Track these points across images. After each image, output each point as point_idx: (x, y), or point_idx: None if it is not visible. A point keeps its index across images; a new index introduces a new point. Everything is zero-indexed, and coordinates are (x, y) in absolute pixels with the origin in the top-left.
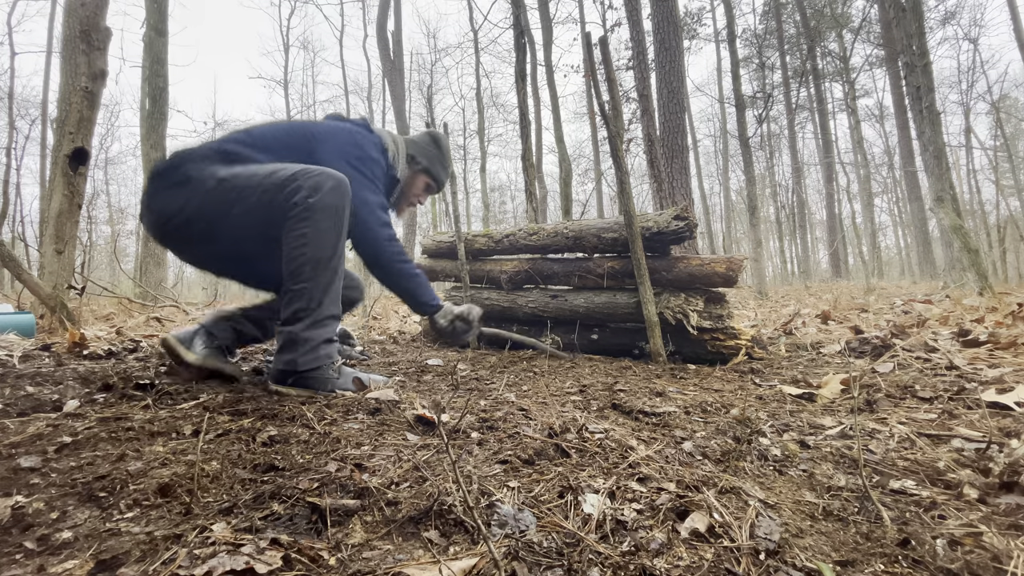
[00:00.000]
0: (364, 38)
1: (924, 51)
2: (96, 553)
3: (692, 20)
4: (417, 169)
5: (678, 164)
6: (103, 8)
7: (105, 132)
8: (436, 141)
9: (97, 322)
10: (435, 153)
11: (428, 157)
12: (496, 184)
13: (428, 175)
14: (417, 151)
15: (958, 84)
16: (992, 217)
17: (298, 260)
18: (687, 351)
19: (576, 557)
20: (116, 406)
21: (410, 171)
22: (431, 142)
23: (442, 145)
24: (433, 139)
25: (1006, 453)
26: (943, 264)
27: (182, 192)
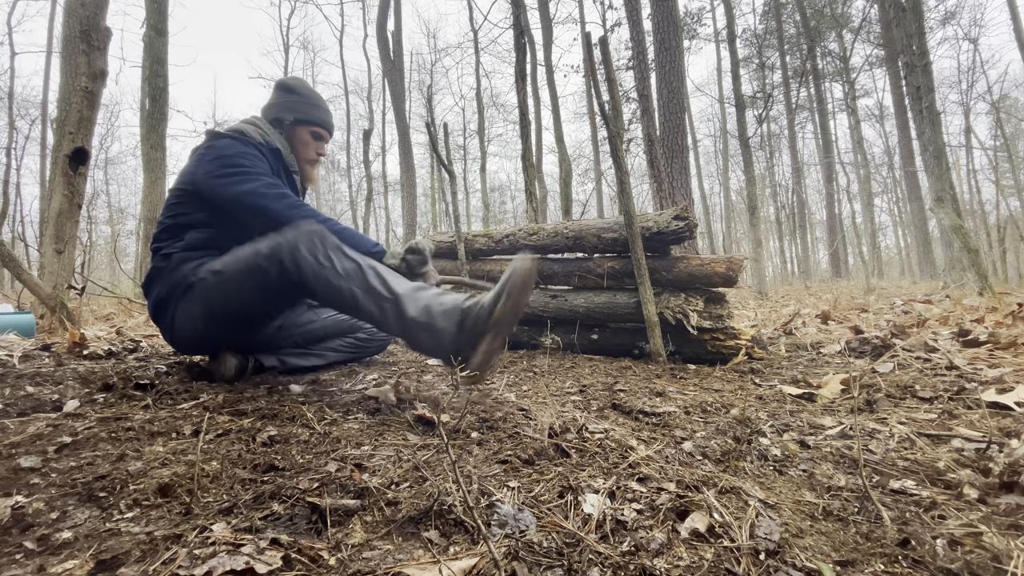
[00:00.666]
0: (364, 38)
1: (924, 51)
2: (96, 553)
3: (692, 20)
4: (290, 124)
5: (678, 164)
6: (103, 8)
7: (105, 132)
8: (288, 88)
9: (97, 322)
10: (295, 100)
11: (290, 108)
12: (496, 184)
13: (305, 123)
14: (278, 111)
15: (958, 84)
16: (992, 217)
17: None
18: (687, 351)
19: (576, 557)
20: (116, 406)
21: (289, 131)
22: (285, 92)
23: (296, 88)
24: (285, 88)
25: (1006, 453)
26: (943, 264)
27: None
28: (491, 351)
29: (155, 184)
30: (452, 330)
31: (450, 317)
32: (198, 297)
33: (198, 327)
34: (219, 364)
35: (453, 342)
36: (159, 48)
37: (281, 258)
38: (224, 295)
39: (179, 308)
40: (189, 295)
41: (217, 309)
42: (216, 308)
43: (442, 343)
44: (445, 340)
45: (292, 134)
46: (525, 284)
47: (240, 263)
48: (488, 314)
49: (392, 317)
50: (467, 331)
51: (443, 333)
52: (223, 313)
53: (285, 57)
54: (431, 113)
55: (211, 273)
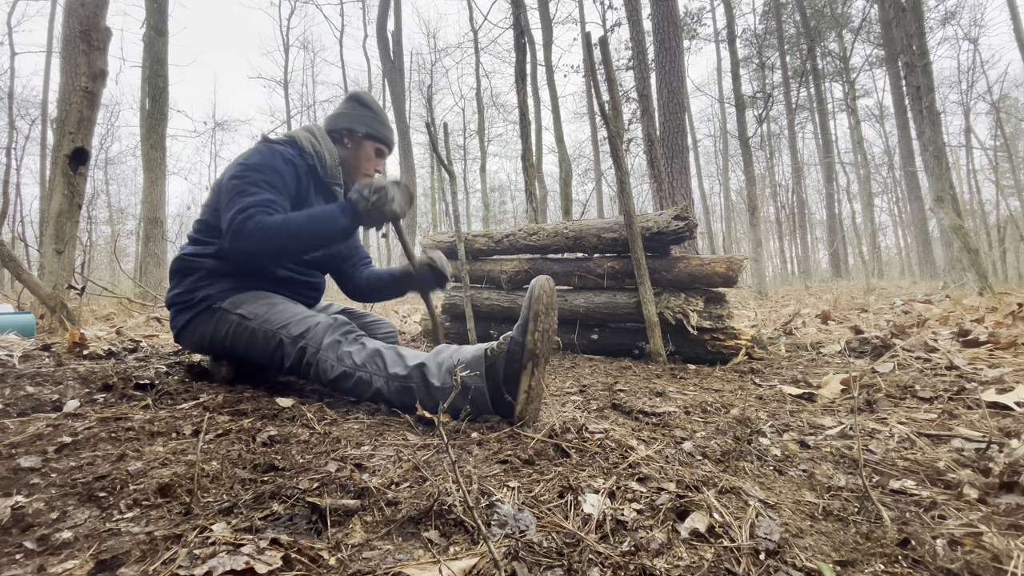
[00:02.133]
0: (364, 38)
1: (924, 51)
2: (96, 553)
3: (692, 20)
4: (359, 138)
5: (678, 164)
6: (103, 8)
7: (105, 132)
8: (361, 102)
9: (97, 322)
10: (366, 114)
11: (363, 121)
12: (496, 184)
13: (370, 139)
14: (349, 122)
15: (958, 84)
16: (992, 217)
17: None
18: (687, 351)
19: (576, 557)
20: (116, 406)
21: (352, 143)
22: (357, 105)
23: (368, 103)
24: (358, 101)
25: (1006, 453)
26: (943, 264)
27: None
28: (535, 386)
29: (155, 184)
30: (481, 385)
31: (474, 368)
32: (216, 324)
33: (205, 343)
34: (219, 366)
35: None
36: (159, 48)
37: (304, 348)
38: (240, 340)
39: (194, 320)
40: (208, 315)
41: (229, 344)
42: (228, 343)
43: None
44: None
45: (359, 147)
46: (549, 306)
47: (268, 327)
48: (520, 347)
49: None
50: (501, 377)
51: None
52: (234, 350)
53: (285, 57)
54: (431, 113)
55: (238, 316)
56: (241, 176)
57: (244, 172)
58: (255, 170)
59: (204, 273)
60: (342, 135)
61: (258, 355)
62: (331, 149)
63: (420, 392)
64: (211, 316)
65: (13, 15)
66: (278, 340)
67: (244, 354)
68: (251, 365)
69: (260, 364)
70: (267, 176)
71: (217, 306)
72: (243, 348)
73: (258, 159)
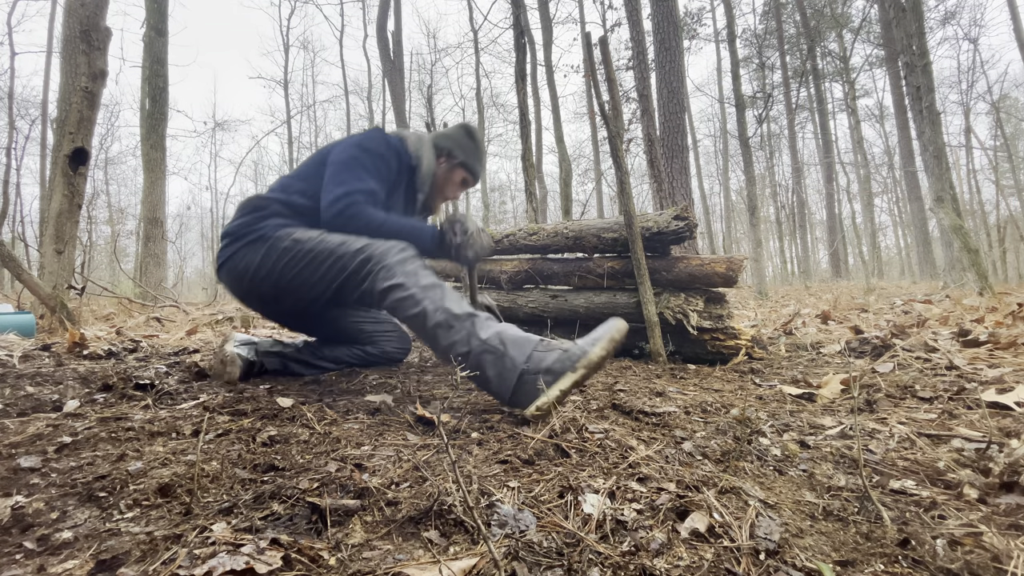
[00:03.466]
0: (364, 38)
1: (924, 51)
2: (96, 553)
3: (692, 20)
4: (455, 163)
5: (678, 164)
6: (103, 8)
7: (105, 132)
8: (470, 134)
9: (97, 322)
10: (470, 146)
11: (464, 150)
12: (496, 184)
13: (465, 169)
14: (452, 145)
15: (958, 84)
16: (992, 217)
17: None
18: (687, 351)
19: (576, 557)
20: (116, 406)
21: (446, 164)
22: (465, 135)
23: (476, 138)
24: (467, 132)
25: (1006, 453)
26: (943, 264)
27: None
28: (569, 391)
29: (155, 184)
30: (519, 360)
31: (524, 348)
32: (265, 251)
33: (247, 275)
34: (224, 365)
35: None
36: (159, 48)
37: (368, 258)
38: (290, 263)
39: (243, 250)
40: (258, 244)
41: (277, 271)
42: (274, 270)
43: (503, 372)
44: (506, 369)
45: (452, 170)
46: (618, 342)
47: (325, 244)
48: (583, 354)
49: (461, 334)
50: (546, 364)
51: (509, 361)
52: (279, 280)
53: (285, 57)
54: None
55: (291, 240)
56: (355, 157)
57: (359, 154)
58: (369, 154)
59: (271, 213)
60: (442, 153)
61: (307, 277)
62: (430, 161)
63: (462, 335)
64: (261, 245)
65: (13, 15)
66: (337, 255)
67: (289, 282)
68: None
69: (301, 295)
70: (377, 164)
71: (270, 235)
72: (291, 274)
73: (373, 145)
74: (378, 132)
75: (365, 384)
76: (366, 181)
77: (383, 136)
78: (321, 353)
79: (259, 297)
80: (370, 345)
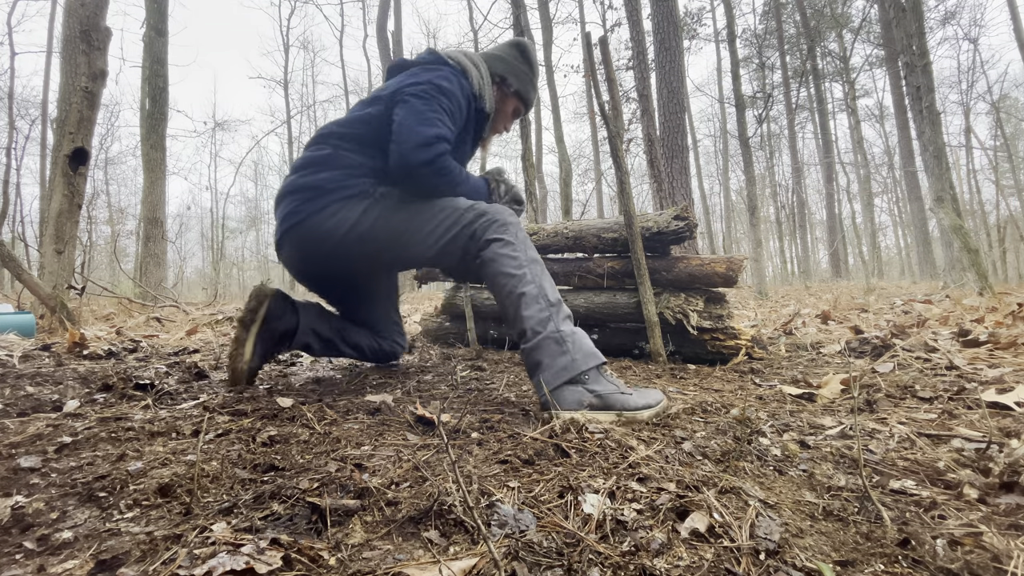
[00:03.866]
0: (364, 38)
1: (924, 51)
2: (96, 553)
3: (692, 20)
4: (508, 92)
5: (678, 164)
6: (103, 8)
7: (105, 132)
8: (524, 55)
9: (97, 322)
10: (525, 71)
11: (519, 77)
12: None
13: (519, 98)
14: (506, 70)
15: (958, 84)
16: (992, 217)
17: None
18: (687, 351)
19: (576, 557)
20: (116, 406)
21: (499, 94)
22: (519, 56)
23: (532, 59)
24: (521, 53)
25: (1006, 453)
26: (943, 264)
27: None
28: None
29: (155, 184)
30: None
31: (588, 360)
32: (366, 209)
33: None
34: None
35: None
36: (159, 48)
37: (483, 214)
38: (397, 220)
39: (336, 204)
40: (359, 200)
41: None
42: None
43: (554, 364)
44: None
45: (505, 100)
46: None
47: (439, 205)
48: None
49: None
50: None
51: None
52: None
53: (285, 57)
54: None
55: (397, 199)
56: (433, 96)
57: (436, 93)
58: (446, 95)
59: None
60: (495, 80)
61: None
62: (491, 96)
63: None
64: (358, 201)
65: (13, 15)
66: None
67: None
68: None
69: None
70: (453, 106)
71: (368, 190)
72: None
73: (448, 85)
74: (451, 72)
75: (365, 384)
76: (447, 128)
77: (456, 77)
78: (347, 336)
79: (326, 264)
80: (383, 339)
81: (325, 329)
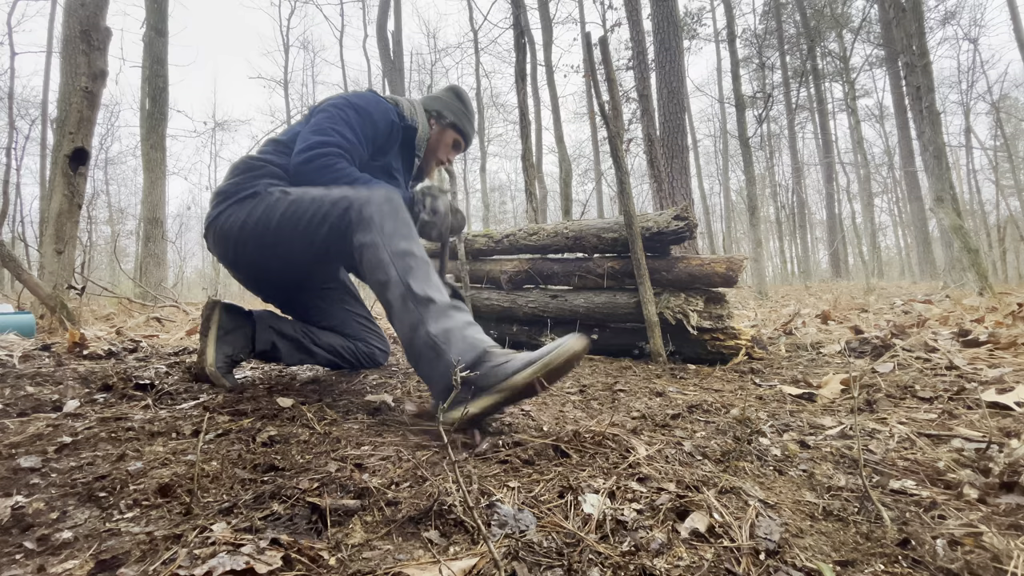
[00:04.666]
0: (364, 38)
1: (924, 51)
2: (96, 553)
3: (692, 20)
4: (444, 124)
5: (678, 164)
6: (103, 8)
7: (105, 132)
8: (459, 96)
9: (97, 322)
10: (459, 108)
11: (454, 112)
12: (496, 184)
13: (455, 130)
14: (441, 107)
15: (958, 84)
16: (992, 217)
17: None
18: (687, 351)
19: (576, 557)
20: (116, 406)
21: (437, 127)
22: (454, 97)
23: (464, 99)
24: (455, 94)
25: (1006, 453)
26: (943, 264)
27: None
28: (485, 413)
29: (155, 184)
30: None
31: (465, 354)
32: (253, 206)
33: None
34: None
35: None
36: (159, 48)
37: (348, 207)
38: (275, 214)
39: (231, 207)
40: (247, 201)
41: (259, 228)
42: (258, 226)
43: (433, 375)
44: (438, 373)
45: (443, 132)
46: (567, 364)
47: (307, 197)
48: (507, 376)
49: (410, 319)
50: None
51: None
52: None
53: (285, 57)
54: None
55: (281, 192)
56: (340, 108)
57: (344, 107)
58: (354, 109)
59: (266, 174)
60: (431, 115)
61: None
62: (424, 124)
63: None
64: (250, 201)
65: (13, 15)
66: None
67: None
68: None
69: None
70: (362, 119)
71: (259, 191)
72: (275, 225)
73: (361, 102)
74: (371, 94)
75: (365, 384)
76: (346, 135)
77: (375, 97)
78: (317, 338)
79: (247, 264)
80: (361, 341)
81: (288, 328)
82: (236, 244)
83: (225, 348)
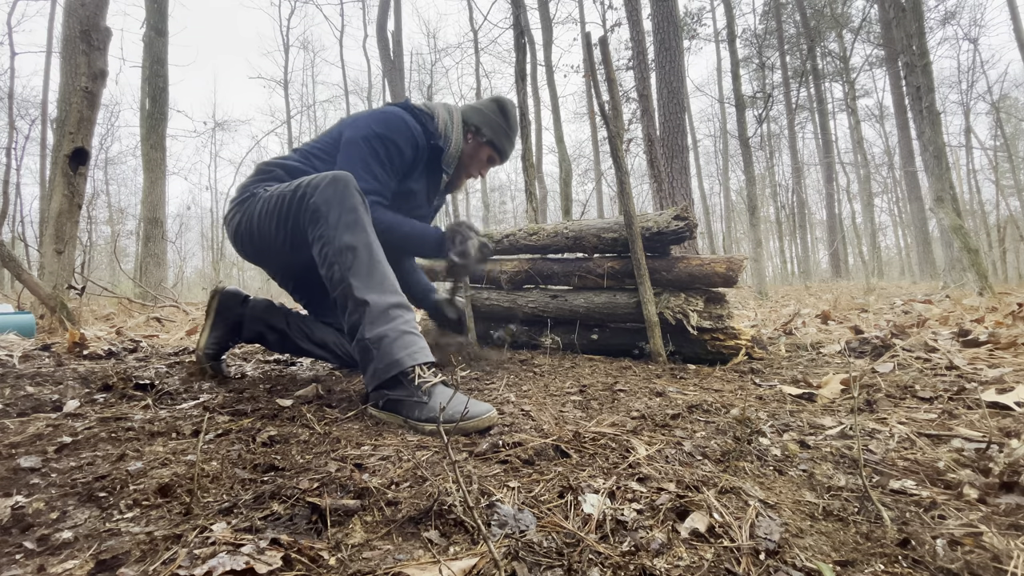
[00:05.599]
0: (364, 38)
1: (924, 51)
2: (96, 553)
3: (692, 20)
4: (482, 141)
5: (678, 164)
6: (103, 8)
7: (105, 132)
8: (503, 110)
9: (97, 322)
10: (500, 123)
11: (493, 128)
12: (496, 184)
13: (492, 147)
14: (481, 121)
15: (958, 84)
16: (992, 217)
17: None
18: (687, 351)
19: (576, 557)
20: (116, 406)
21: (473, 142)
22: (497, 111)
23: (508, 114)
24: (500, 107)
25: (1006, 453)
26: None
27: (245, 208)
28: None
29: (155, 184)
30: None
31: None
32: (249, 207)
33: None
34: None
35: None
36: (159, 48)
37: (304, 195)
38: (257, 219)
39: (235, 211)
40: (247, 203)
41: (256, 225)
42: (255, 223)
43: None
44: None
45: (479, 148)
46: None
47: (278, 189)
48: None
49: (351, 321)
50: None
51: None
52: (260, 232)
53: (285, 57)
54: None
55: (263, 191)
56: (370, 143)
57: (372, 142)
58: (383, 143)
59: (272, 177)
60: (470, 129)
61: (268, 228)
62: (459, 140)
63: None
64: (249, 201)
65: (13, 15)
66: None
67: (258, 232)
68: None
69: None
70: (391, 154)
71: (256, 192)
72: (256, 225)
73: (387, 132)
74: (399, 115)
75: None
76: (378, 179)
77: (402, 121)
78: (313, 333)
79: (258, 262)
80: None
81: (278, 321)
82: (242, 244)
83: (216, 332)
